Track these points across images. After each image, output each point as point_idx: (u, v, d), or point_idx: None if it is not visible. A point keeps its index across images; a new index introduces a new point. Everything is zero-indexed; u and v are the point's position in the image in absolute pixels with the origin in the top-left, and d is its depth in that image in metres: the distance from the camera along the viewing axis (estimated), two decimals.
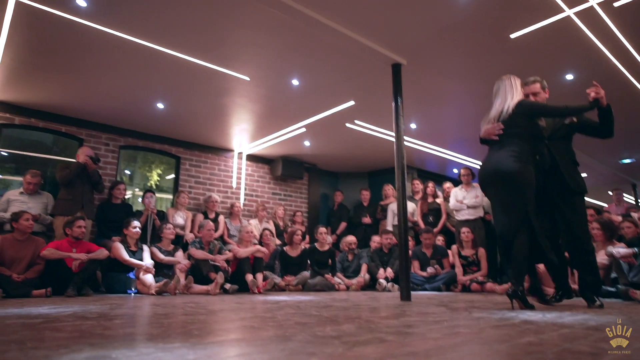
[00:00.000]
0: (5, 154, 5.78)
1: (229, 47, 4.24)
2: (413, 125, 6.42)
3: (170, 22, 3.81)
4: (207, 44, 4.18)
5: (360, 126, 6.36)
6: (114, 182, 5.82)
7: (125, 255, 4.78)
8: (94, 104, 5.60)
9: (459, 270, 5.68)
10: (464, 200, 6.07)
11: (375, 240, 6.54)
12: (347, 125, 6.30)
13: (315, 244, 6.29)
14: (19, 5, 3.50)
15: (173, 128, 6.50)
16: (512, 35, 3.98)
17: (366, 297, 4.37)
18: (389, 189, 7.37)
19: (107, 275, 4.87)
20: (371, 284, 6.05)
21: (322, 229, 6.34)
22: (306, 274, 5.80)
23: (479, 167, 3.12)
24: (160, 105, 5.63)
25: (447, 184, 6.97)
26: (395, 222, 6.56)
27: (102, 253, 4.58)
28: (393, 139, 4.19)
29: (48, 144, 6.29)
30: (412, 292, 3.96)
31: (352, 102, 5.52)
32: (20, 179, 5.59)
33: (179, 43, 4.15)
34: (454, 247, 5.88)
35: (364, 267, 6.16)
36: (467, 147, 7.50)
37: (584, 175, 3.45)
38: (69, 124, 5.99)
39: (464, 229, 5.77)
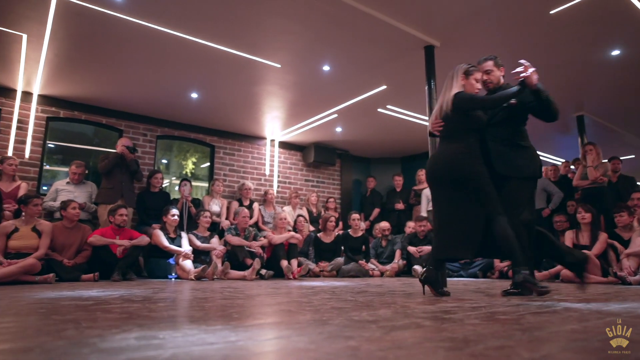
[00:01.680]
0: (52, 146, 6.07)
1: (260, 36, 4.26)
2: None
3: (203, 13, 3.86)
4: (239, 33, 4.21)
5: (392, 111, 6.28)
6: (152, 171, 6.02)
7: (165, 241, 4.96)
8: (132, 96, 5.79)
9: None
10: None
11: (410, 225, 6.49)
12: (379, 110, 6.23)
13: (349, 230, 6.30)
14: (60, 2, 3.64)
15: (207, 117, 6.63)
16: (552, 11, 3.80)
17: (401, 283, 4.36)
18: (422, 174, 7.26)
19: (148, 260, 5.07)
20: (406, 270, 6.03)
21: (355, 215, 6.35)
22: (340, 260, 5.84)
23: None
24: (194, 95, 5.74)
25: None
26: (430, 208, 6.48)
27: (144, 240, 4.78)
28: (426, 123, 4.12)
29: (89, 135, 6.57)
30: (448, 279, 3.92)
31: (384, 87, 5.45)
32: (65, 169, 5.88)
33: (212, 33, 4.20)
34: None
35: (397, 253, 6.14)
36: None
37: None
38: (109, 115, 6.23)
39: None
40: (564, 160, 7.29)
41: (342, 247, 6.15)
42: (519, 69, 2.62)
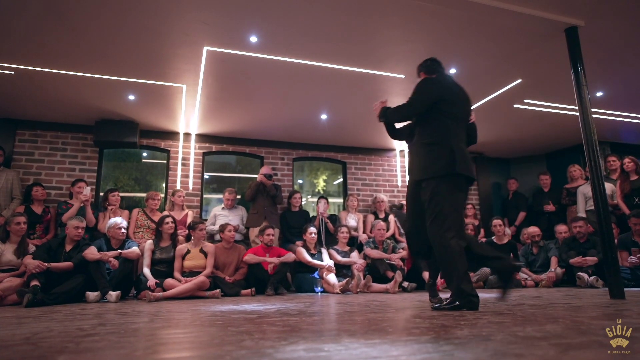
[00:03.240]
0: (207, 177, 6.95)
1: (382, 49, 4.31)
2: (599, 94, 5.49)
3: (324, 38, 4.07)
4: (360, 52, 4.33)
5: (531, 105, 5.73)
6: (291, 192, 6.45)
7: (307, 257, 5.25)
8: (270, 124, 6.34)
9: None
10: None
11: (561, 230, 5.78)
12: (516, 106, 5.74)
13: (492, 237, 5.88)
14: (210, 53, 4.21)
15: (337, 136, 6.90)
16: None
17: (562, 294, 3.90)
18: (575, 170, 6.43)
19: (295, 276, 5.42)
20: (565, 280, 5.37)
21: (497, 221, 5.91)
22: (486, 269, 5.46)
23: None
24: (324, 116, 6.04)
25: None
26: (589, 207, 5.70)
27: (290, 256, 5.12)
28: (575, 113, 3.69)
29: (233, 164, 7.36)
30: (625, 289, 3.38)
31: (519, 81, 5.02)
32: (216, 196, 6.69)
33: (335, 55, 4.40)
34: None
35: (554, 261, 5.50)
36: None
37: None
38: (251, 145, 6.92)
39: None
40: None
41: None
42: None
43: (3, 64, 4.34)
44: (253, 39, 4.00)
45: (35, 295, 3.61)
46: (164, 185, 6.52)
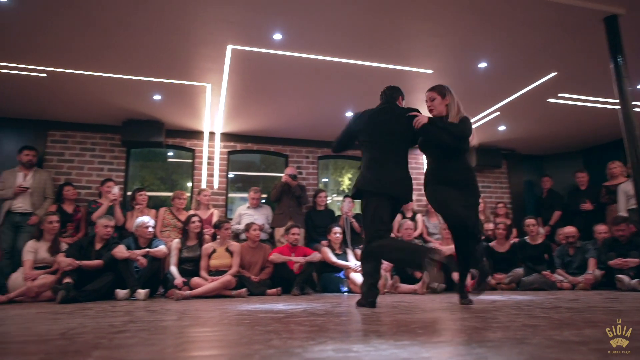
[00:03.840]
0: (232, 176, 6.99)
1: (409, 44, 4.22)
2: None
3: (351, 34, 4.01)
4: (387, 47, 4.25)
5: (566, 99, 5.50)
6: (317, 191, 6.40)
7: (332, 257, 5.19)
8: (294, 122, 6.32)
9: None
10: None
11: (600, 230, 5.51)
12: (550, 100, 5.52)
13: (526, 237, 5.67)
14: (234, 52, 4.22)
15: None
16: None
17: (602, 297, 3.71)
18: (616, 167, 6.12)
19: (321, 275, 5.37)
20: (604, 282, 5.12)
21: (531, 221, 5.70)
22: (519, 271, 5.27)
23: None
24: (349, 114, 5.97)
25: None
26: (631, 206, 5.42)
27: (316, 256, 5.08)
28: (614, 107, 3.51)
29: (257, 163, 7.38)
30: None
31: (553, 74, 4.82)
32: (239, 195, 6.72)
33: (362, 51, 4.33)
34: None
35: (592, 262, 5.25)
36: None
37: None
38: (276, 143, 6.91)
39: None
40: None
41: (520, 257, 5.55)
42: None
43: (36, 67, 4.47)
44: (277, 36, 3.98)
45: (68, 292, 3.70)
46: (189, 184, 6.60)
